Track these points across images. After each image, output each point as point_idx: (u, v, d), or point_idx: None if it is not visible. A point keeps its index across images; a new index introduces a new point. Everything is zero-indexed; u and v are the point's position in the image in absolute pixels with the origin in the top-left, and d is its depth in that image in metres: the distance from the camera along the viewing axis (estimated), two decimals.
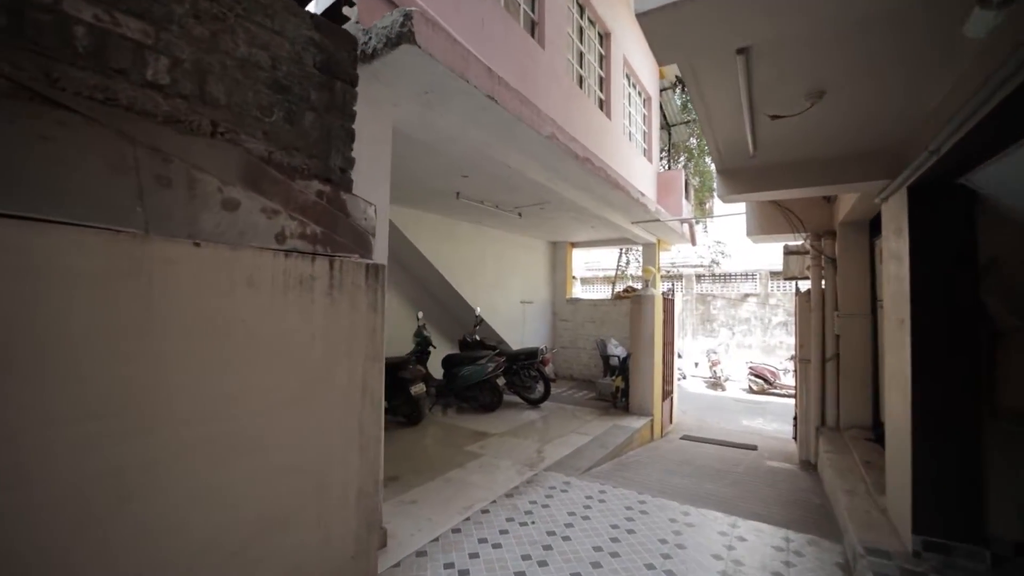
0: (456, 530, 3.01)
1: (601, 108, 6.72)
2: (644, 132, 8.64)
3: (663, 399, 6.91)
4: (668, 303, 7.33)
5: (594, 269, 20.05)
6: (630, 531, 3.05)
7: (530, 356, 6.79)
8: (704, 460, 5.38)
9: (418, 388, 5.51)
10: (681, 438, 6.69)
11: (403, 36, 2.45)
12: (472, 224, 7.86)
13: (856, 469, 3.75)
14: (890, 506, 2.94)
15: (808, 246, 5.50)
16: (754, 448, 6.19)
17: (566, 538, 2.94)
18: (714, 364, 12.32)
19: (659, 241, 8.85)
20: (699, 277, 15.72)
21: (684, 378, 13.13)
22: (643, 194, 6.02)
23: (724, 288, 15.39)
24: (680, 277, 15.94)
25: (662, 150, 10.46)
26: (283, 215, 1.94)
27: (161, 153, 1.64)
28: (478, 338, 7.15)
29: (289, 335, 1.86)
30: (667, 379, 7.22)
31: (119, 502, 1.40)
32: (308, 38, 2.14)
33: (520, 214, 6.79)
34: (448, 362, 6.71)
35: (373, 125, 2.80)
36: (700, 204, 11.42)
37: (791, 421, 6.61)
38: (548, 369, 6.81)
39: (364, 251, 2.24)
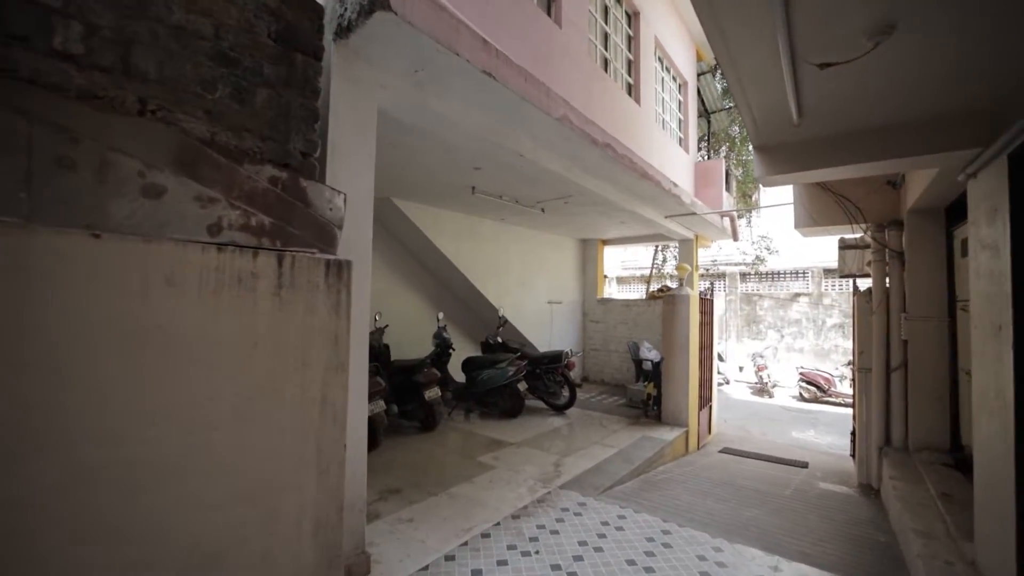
0: (450, 557, 2.70)
1: (630, 93, 6.24)
2: (680, 120, 8.03)
3: (700, 407, 6.33)
4: (706, 303, 6.73)
5: (631, 268, 19.32)
6: (648, 569, 2.62)
7: (554, 360, 6.40)
8: (745, 479, 4.80)
9: (432, 392, 5.25)
10: (720, 451, 6.09)
11: (376, 2, 2.16)
12: (495, 221, 7.56)
13: (931, 504, 3.13)
14: (981, 558, 2.36)
15: (868, 239, 4.79)
16: (804, 466, 5.51)
17: (572, 575, 2.55)
18: (760, 369, 11.42)
19: (697, 237, 8.21)
20: (744, 276, 14.68)
21: (727, 383, 12.28)
22: (676, 185, 5.50)
23: (772, 287, 14.30)
24: (723, 276, 14.97)
25: (701, 139, 9.74)
26: (222, 203, 1.68)
27: (68, 132, 1.41)
28: (500, 340, 6.83)
29: (224, 342, 1.60)
30: (705, 385, 6.62)
31: None
32: (261, 4, 1.88)
33: (543, 209, 6.41)
34: (468, 365, 6.43)
35: (355, 108, 2.53)
36: (744, 197, 10.55)
37: (848, 434, 5.87)
38: (573, 374, 6.40)
39: (326, 245, 1.96)
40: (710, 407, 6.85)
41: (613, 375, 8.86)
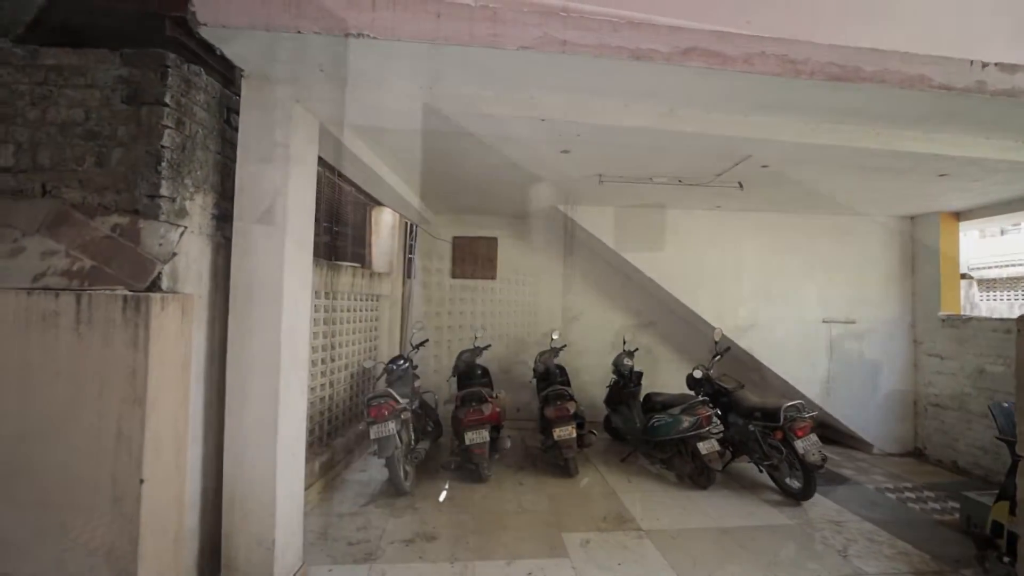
0: None
1: None
2: None
3: None
4: None
5: None
6: None
7: (768, 417, 4.09)
8: None
9: (563, 432, 4.39)
10: None
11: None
12: (708, 211, 5.67)
13: None
14: None
15: None
16: None
17: None
18: None
19: None
20: None
21: None
22: (985, 63, 2.47)
23: None
24: None
25: None
26: (61, 254, 2.05)
27: None
28: (702, 374, 4.93)
29: (32, 370, 1.92)
30: None
31: None
32: (117, 77, 2.19)
33: (740, 184, 4.30)
34: (646, 404, 5.03)
35: (268, 132, 2.52)
36: None
37: None
38: (803, 445, 3.84)
39: (136, 282, 2.03)
40: None
41: (974, 458, 4.75)
